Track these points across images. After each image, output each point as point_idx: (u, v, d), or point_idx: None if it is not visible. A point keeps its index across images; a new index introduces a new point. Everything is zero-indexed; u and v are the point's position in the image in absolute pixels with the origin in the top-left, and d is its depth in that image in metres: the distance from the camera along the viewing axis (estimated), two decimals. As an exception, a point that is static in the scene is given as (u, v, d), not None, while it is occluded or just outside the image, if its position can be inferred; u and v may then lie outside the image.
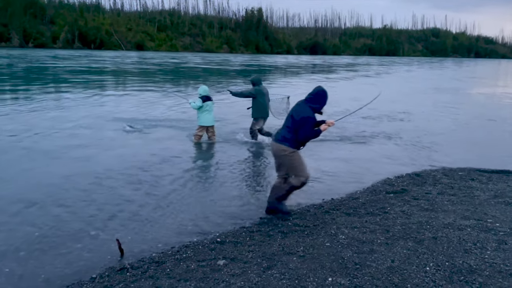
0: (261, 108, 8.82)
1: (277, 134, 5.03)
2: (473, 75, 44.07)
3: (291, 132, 4.85)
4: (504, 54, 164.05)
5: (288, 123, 4.93)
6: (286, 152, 4.87)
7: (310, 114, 4.81)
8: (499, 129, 11.69)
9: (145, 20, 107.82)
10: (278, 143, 4.91)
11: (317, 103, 4.87)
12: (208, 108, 8.69)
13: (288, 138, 4.86)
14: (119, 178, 6.37)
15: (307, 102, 4.91)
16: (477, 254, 3.76)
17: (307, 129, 4.78)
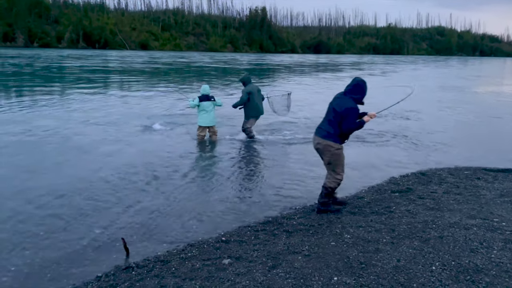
0: (252, 107, 8.87)
1: (320, 130, 4.96)
2: (478, 73, 43.83)
3: (335, 126, 4.81)
4: (510, 53, 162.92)
5: (330, 116, 4.87)
6: (333, 149, 4.84)
7: (353, 105, 4.75)
8: (503, 127, 11.61)
9: (149, 19, 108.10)
10: (324, 139, 4.85)
11: (358, 94, 4.82)
12: (205, 108, 8.59)
13: (332, 133, 4.82)
14: (123, 178, 6.38)
15: (347, 93, 4.86)
16: (483, 253, 3.74)
17: (350, 120, 4.73)
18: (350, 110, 4.70)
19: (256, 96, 8.91)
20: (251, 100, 8.84)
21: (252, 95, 8.82)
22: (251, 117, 9.02)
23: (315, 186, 6.31)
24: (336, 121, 4.78)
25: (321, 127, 4.96)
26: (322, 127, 4.95)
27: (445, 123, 11.84)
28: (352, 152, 8.35)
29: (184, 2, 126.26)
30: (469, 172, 6.96)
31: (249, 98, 8.83)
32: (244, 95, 8.81)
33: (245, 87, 8.95)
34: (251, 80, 9.20)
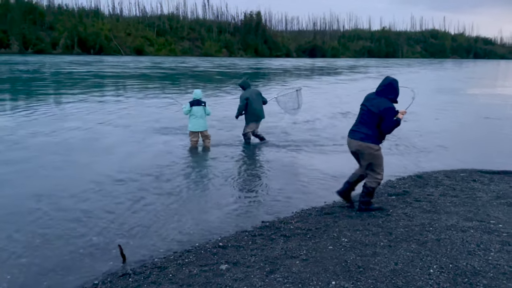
0: (251, 112, 8.90)
1: (355, 132, 4.95)
2: (473, 75, 44.10)
3: (372, 127, 4.81)
4: (503, 55, 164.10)
5: (366, 118, 4.86)
6: (373, 150, 4.85)
7: (391, 105, 4.78)
8: (498, 129, 11.67)
9: (144, 25, 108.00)
10: (362, 142, 4.84)
11: (392, 93, 4.84)
12: (195, 113, 8.50)
13: (371, 135, 4.82)
14: (118, 184, 6.36)
15: (380, 93, 4.87)
16: (480, 255, 3.74)
17: (390, 119, 4.73)
18: (389, 110, 4.72)
19: (255, 100, 8.90)
20: (249, 105, 8.84)
21: (250, 100, 8.82)
22: (250, 122, 9.02)
23: (312, 189, 6.33)
24: (373, 122, 4.79)
25: (357, 130, 4.94)
26: (358, 129, 4.93)
27: (441, 125, 11.89)
28: (349, 156, 8.35)
29: (179, 7, 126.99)
30: (465, 175, 6.99)
31: (247, 103, 8.83)
32: (241, 102, 8.85)
33: (243, 92, 8.97)
34: (250, 85, 9.21)
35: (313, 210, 5.44)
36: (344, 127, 11.07)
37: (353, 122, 5.15)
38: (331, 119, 12.95)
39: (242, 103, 8.85)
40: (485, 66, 78.86)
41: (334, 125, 11.82)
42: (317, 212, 5.34)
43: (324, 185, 6.55)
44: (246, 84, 9.11)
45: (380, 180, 4.98)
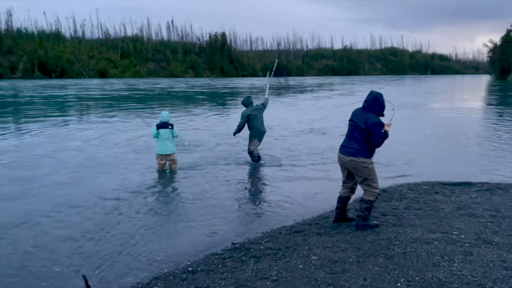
0: (254, 129, 9.07)
1: (347, 148, 4.98)
2: (432, 90, 45.91)
3: (363, 142, 4.86)
4: (458, 70, 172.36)
5: (355, 134, 4.90)
6: (366, 164, 4.88)
7: (378, 119, 4.84)
8: (458, 142, 12.14)
9: (107, 47, 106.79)
10: (355, 157, 4.88)
11: (377, 107, 4.90)
12: (162, 136, 8.38)
13: (362, 150, 4.86)
14: (84, 208, 6.17)
15: (367, 108, 4.93)
16: (445, 267, 3.84)
17: (379, 134, 4.79)
18: (377, 125, 4.78)
19: (257, 117, 9.09)
20: (251, 122, 9.03)
21: (252, 116, 9.00)
22: (253, 139, 9.16)
23: (282, 207, 6.35)
24: (362, 137, 4.85)
25: (348, 146, 4.99)
26: (349, 145, 4.98)
27: (404, 139, 12.24)
28: (316, 173, 8.48)
29: (143, 28, 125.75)
30: (428, 187, 7.21)
31: (249, 120, 9.01)
32: (242, 119, 9.05)
33: (245, 110, 9.18)
34: (252, 103, 9.39)
35: (283, 228, 5.45)
36: (318, 143, 11.27)
37: (323, 138, 5.25)
38: (301, 135, 13.11)
39: (243, 120, 9.04)
40: (442, 81, 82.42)
41: (305, 141, 11.95)
42: (287, 230, 5.35)
43: (292, 203, 6.59)
44: (248, 102, 9.33)
45: (377, 193, 4.99)
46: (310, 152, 10.60)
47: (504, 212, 5.58)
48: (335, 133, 13.10)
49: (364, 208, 5.03)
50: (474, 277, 3.62)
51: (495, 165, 9.10)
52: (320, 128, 14.84)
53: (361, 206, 5.07)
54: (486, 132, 14.13)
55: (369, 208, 5.04)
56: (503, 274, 3.66)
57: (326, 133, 13.69)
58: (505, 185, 7.25)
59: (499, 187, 7.13)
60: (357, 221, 5.15)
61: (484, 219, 5.30)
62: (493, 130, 14.62)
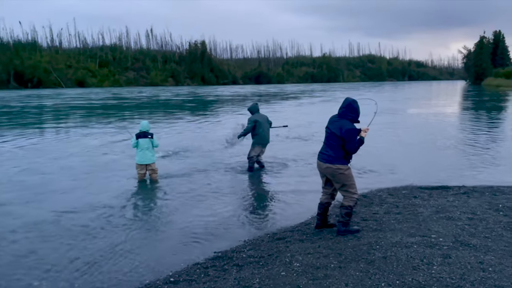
0: (259, 136, 9.12)
1: (324, 155, 5.03)
2: (409, 96, 46.81)
3: (338, 149, 4.89)
4: (434, 76, 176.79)
5: (331, 141, 4.95)
6: (343, 171, 4.91)
7: (352, 126, 4.87)
8: (435, 146, 12.40)
9: (85, 56, 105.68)
10: (331, 164, 4.92)
11: (352, 113, 4.94)
12: (141, 146, 8.29)
13: (338, 156, 4.90)
14: (62, 221, 6.05)
15: (342, 115, 4.97)
16: (424, 270, 3.91)
17: (353, 140, 4.83)
18: (350, 131, 4.82)
19: (263, 124, 9.14)
20: (257, 129, 9.07)
21: (259, 123, 9.05)
22: (256, 145, 9.21)
23: (264, 214, 6.36)
24: (338, 144, 4.89)
25: (325, 153, 5.04)
26: (326, 152, 5.03)
27: (383, 144, 12.44)
28: (296, 180, 8.52)
29: (121, 37, 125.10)
30: (407, 192, 7.33)
31: (255, 126, 9.04)
32: (250, 124, 9.08)
33: (252, 115, 9.24)
34: (259, 109, 9.46)
35: (266, 236, 5.45)
36: (303, 148, 11.33)
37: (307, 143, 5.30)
38: (287, 141, 13.16)
39: (250, 125, 9.09)
40: (419, 87, 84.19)
41: (290, 147, 11.99)
42: (269, 238, 5.35)
43: (274, 211, 6.60)
44: (255, 108, 9.39)
45: (356, 198, 5.05)
46: (295, 158, 10.69)
47: (481, 215, 5.71)
48: (320, 138, 13.22)
49: (344, 214, 5.08)
50: (452, 279, 3.69)
51: (471, 169, 9.32)
52: (305, 134, 14.97)
53: (341, 212, 5.11)
54: (462, 136, 14.47)
55: (349, 214, 5.09)
56: (480, 276, 3.75)
57: (310, 139, 13.80)
58: (481, 188, 7.43)
59: (476, 190, 7.30)
60: (338, 227, 5.19)
61: (462, 222, 5.41)
62: (469, 134, 14.98)
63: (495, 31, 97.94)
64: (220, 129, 16.66)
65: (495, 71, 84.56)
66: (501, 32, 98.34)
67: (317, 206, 5.41)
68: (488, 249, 4.43)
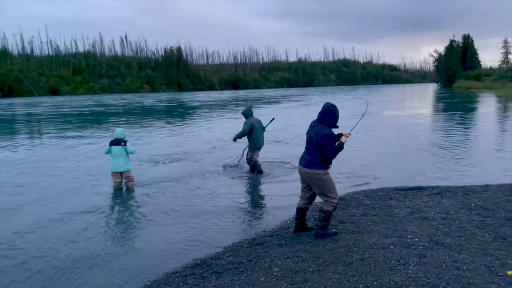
0: (256, 140, 9.24)
1: (303, 160, 5.05)
2: (384, 99, 47.64)
3: (316, 154, 4.89)
4: (407, 79, 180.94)
5: (310, 146, 4.96)
6: (321, 175, 4.91)
7: (328, 131, 4.86)
8: (409, 147, 12.66)
9: (58, 64, 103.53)
10: (309, 169, 4.93)
11: (330, 119, 4.93)
12: (114, 154, 8.17)
13: (316, 161, 4.90)
14: (38, 231, 5.89)
15: (320, 120, 4.97)
16: (401, 270, 3.97)
17: (330, 145, 4.82)
18: (326, 137, 4.82)
19: (259, 128, 9.24)
20: (254, 132, 9.13)
21: (255, 127, 9.17)
22: (255, 149, 9.32)
23: (242, 220, 6.35)
24: (316, 149, 4.90)
25: (304, 157, 5.06)
26: (305, 157, 5.06)
27: (359, 147, 12.61)
28: (273, 184, 8.55)
29: (95, 44, 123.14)
30: (383, 193, 7.45)
31: (252, 130, 9.10)
32: (247, 127, 9.11)
33: (247, 119, 9.27)
34: (253, 113, 9.52)
35: (245, 242, 5.44)
36: (287, 151, 11.36)
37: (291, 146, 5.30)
38: (271, 144, 13.16)
39: (248, 128, 9.14)
40: (393, 90, 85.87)
41: (273, 151, 11.99)
42: (248, 243, 5.34)
43: (253, 215, 6.60)
44: (249, 112, 9.48)
45: (335, 203, 5.04)
46: (277, 161, 10.75)
47: (454, 214, 5.85)
48: (303, 141, 13.32)
49: (323, 218, 5.10)
50: (428, 278, 3.76)
51: (445, 169, 9.55)
52: (289, 137, 15.05)
53: (320, 216, 5.14)
54: (436, 137, 14.81)
55: (327, 218, 5.12)
56: (455, 274, 3.83)
57: (291, 141, 13.87)
58: (454, 188, 7.62)
59: (449, 190, 7.48)
60: (316, 231, 5.22)
61: (436, 221, 5.53)
62: (442, 135, 15.36)
63: (464, 35, 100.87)
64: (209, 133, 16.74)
65: (465, 74, 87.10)
66: (469, 35, 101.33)
67: (295, 211, 5.43)
68: (461, 247, 4.53)
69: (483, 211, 5.97)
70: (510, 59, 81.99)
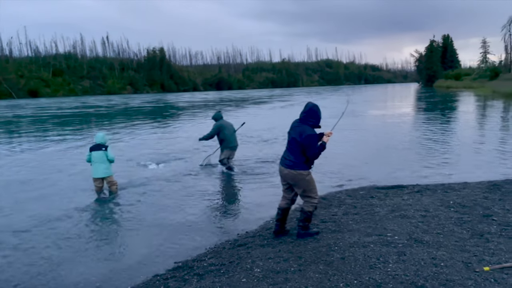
0: (226, 140, 9.60)
1: (286, 160, 4.98)
2: (367, 99, 48.17)
3: (299, 154, 4.84)
4: (389, 79, 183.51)
5: (292, 146, 4.90)
6: (304, 176, 4.88)
7: (312, 132, 4.81)
8: (391, 146, 12.81)
9: (37, 65, 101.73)
10: (292, 169, 4.88)
11: (313, 119, 4.88)
12: (94, 159, 8.01)
13: (299, 162, 4.85)
14: (17, 232, 5.77)
15: (303, 120, 4.91)
16: (381, 268, 4.01)
17: (313, 146, 4.78)
18: (310, 137, 4.77)
19: (229, 129, 9.68)
20: (222, 133, 9.59)
21: (223, 128, 9.59)
22: (225, 149, 9.68)
23: (225, 222, 6.34)
24: (298, 150, 4.85)
25: (286, 158, 5.00)
26: (287, 157, 4.99)
27: (340, 147, 12.70)
28: (256, 185, 8.55)
29: (76, 45, 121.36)
30: (364, 192, 7.52)
31: (220, 133, 9.58)
32: (213, 130, 9.64)
33: (216, 122, 9.76)
34: (222, 117, 9.91)
35: (227, 243, 5.43)
36: (270, 150, 11.36)
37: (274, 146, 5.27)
38: (254, 144, 13.17)
39: (214, 131, 9.62)
40: (376, 90, 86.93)
41: (257, 151, 12.01)
42: (231, 245, 5.34)
43: (235, 216, 6.59)
44: (219, 116, 9.90)
45: (316, 203, 5.06)
46: (259, 161, 10.78)
47: (433, 212, 5.94)
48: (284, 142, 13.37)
49: (304, 219, 5.12)
50: (407, 275, 3.81)
51: (425, 167, 9.70)
52: (274, 137, 15.10)
53: (301, 216, 5.15)
54: (416, 136, 15.04)
55: (308, 219, 5.13)
56: (433, 271, 3.89)
57: (277, 141, 13.91)
58: (434, 186, 7.75)
59: (428, 188, 7.60)
60: (298, 231, 5.23)
61: (415, 219, 5.61)
62: (423, 134, 15.60)
63: (444, 35, 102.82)
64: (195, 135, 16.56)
65: (445, 73, 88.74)
66: (449, 36, 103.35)
67: (276, 212, 5.39)
68: (440, 244, 4.61)
69: (461, 208, 6.08)
70: (488, 59, 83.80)
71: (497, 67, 72.20)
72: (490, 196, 6.72)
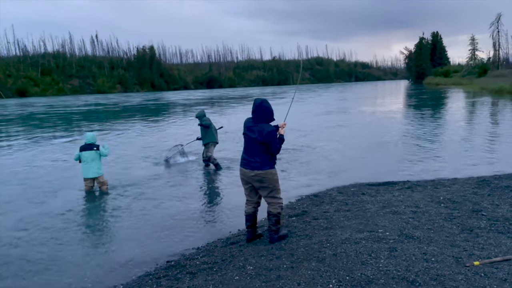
0: (212, 136, 10.06)
1: (250, 162, 4.77)
2: (358, 96, 48.42)
3: (263, 153, 4.72)
4: (379, 77, 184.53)
5: (254, 147, 4.74)
6: (273, 175, 4.79)
7: (271, 128, 4.72)
8: (382, 142, 12.90)
9: (26, 64, 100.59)
10: (261, 170, 4.72)
11: (266, 115, 4.75)
12: (85, 159, 7.98)
13: (266, 161, 4.73)
14: (6, 232, 5.71)
15: (258, 119, 4.77)
16: (372, 264, 4.04)
17: (275, 141, 4.69)
18: (271, 133, 4.67)
19: (213, 126, 10.16)
20: (210, 129, 10.02)
21: (211, 125, 10.05)
22: (210, 144, 10.03)
23: (218, 220, 6.33)
24: (261, 149, 4.71)
25: (251, 159, 4.79)
26: (250, 159, 4.79)
27: (332, 143, 12.77)
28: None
29: (64, 44, 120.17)
30: (355, 189, 7.56)
31: (209, 127, 9.98)
32: (209, 121, 10.06)
33: (204, 118, 10.14)
34: (205, 115, 10.35)
35: (219, 241, 5.43)
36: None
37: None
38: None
39: (210, 121, 10.08)
40: (366, 87, 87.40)
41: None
42: (223, 243, 5.33)
43: (227, 214, 6.59)
44: (202, 114, 10.28)
45: (282, 203, 4.96)
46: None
47: (423, 208, 6.00)
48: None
49: (275, 222, 4.96)
50: (398, 271, 3.84)
51: (415, 164, 9.79)
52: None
53: (271, 221, 4.97)
54: (407, 132, 15.15)
55: (278, 221, 4.98)
56: (424, 266, 3.92)
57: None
58: (424, 182, 7.82)
59: (419, 184, 7.67)
60: (270, 236, 5.04)
61: (406, 215, 5.66)
62: (413, 130, 15.72)
63: (433, 32, 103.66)
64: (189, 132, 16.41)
65: (434, 70, 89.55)
66: (438, 33, 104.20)
67: (245, 219, 5.15)
68: (430, 240, 4.65)
69: (451, 204, 6.15)
70: (477, 56, 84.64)
71: (485, 64, 73.00)
72: (479, 192, 6.80)
